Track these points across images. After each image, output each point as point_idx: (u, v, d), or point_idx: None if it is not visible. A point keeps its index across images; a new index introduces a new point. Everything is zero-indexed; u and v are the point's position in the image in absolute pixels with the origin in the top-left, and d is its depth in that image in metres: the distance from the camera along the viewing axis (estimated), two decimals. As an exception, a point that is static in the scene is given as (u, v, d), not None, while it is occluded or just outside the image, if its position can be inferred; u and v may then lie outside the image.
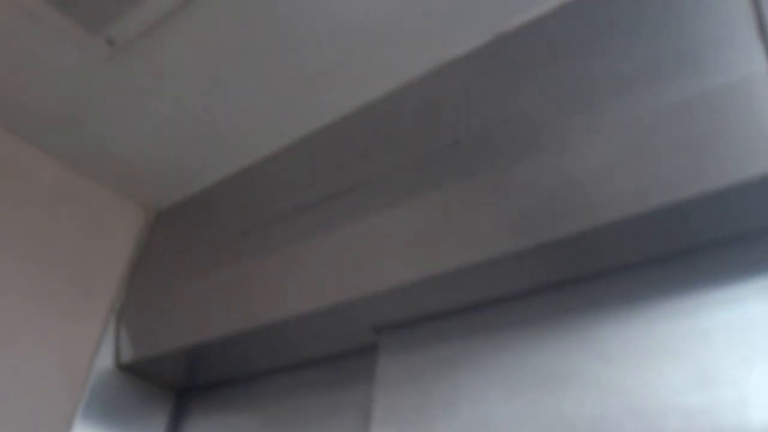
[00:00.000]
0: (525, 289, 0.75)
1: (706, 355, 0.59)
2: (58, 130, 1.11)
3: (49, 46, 0.93)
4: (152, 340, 1.13)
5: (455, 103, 0.84)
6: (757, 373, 0.55)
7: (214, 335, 0.99)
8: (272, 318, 0.90)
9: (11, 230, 1.10)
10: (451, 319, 0.82)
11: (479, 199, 0.72)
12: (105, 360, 1.17)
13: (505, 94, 0.77)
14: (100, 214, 1.25)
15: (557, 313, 0.74)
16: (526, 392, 0.70)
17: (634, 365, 0.63)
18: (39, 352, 1.09)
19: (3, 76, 1.00)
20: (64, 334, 1.13)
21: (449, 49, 0.88)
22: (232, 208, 1.13)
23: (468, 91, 0.83)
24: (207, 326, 1.01)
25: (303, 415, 0.99)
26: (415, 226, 0.78)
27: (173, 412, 1.19)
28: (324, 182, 0.96)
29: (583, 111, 0.66)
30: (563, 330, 0.72)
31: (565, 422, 0.65)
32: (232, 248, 1.07)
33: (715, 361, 0.58)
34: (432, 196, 0.77)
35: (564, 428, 0.65)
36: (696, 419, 0.57)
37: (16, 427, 1.02)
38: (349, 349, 0.94)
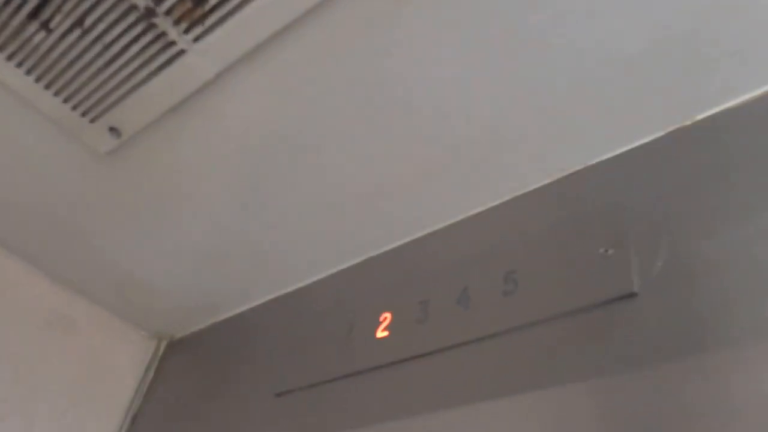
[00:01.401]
0: None
1: None
2: (54, 242, 0.87)
3: (42, 139, 0.69)
4: None
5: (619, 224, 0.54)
6: None
7: None
8: None
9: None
10: None
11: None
12: None
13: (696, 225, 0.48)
14: (101, 344, 1.02)
15: None
16: None
17: None
18: None
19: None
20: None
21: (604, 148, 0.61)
22: (261, 352, 0.84)
23: (653, 209, 0.54)
24: None
25: None
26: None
27: None
28: (392, 333, 0.67)
29: None
30: None
31: None
32: (259, 411, 0.77)
33: None
34: (566, 391, 0.47)
35: None
36: None
37: None
38: None
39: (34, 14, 0.55)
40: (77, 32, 0.56)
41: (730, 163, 0.52)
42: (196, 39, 0.56)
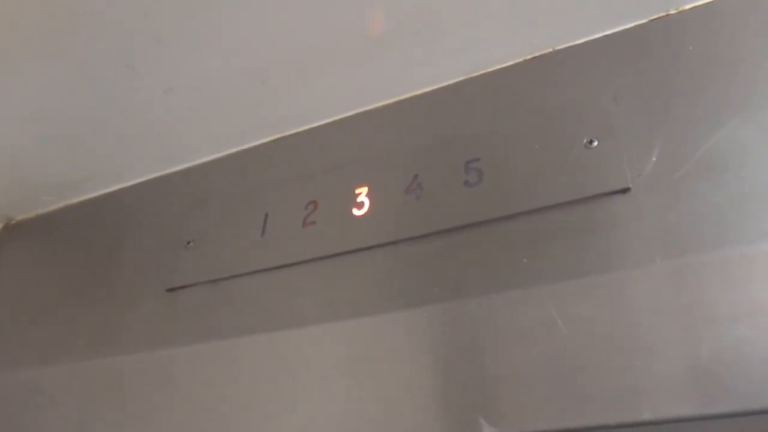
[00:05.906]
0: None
1: None
2: None
3: None
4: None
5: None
6: None
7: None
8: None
9: None
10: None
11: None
12: None
13: None
14: None
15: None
16: None
17: None
18: None
19: None
20: None
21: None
22: (145, 239, 0.70)
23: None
24: None
25: None
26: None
27: None
28: (321, 224, 0.57)
29: None
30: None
31: None
32: (146, 308, 0.64)
33: None
34: (552, 290, 0.41)
35: None
36: None
37: None
38: None
39: None
40: None
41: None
42: None
